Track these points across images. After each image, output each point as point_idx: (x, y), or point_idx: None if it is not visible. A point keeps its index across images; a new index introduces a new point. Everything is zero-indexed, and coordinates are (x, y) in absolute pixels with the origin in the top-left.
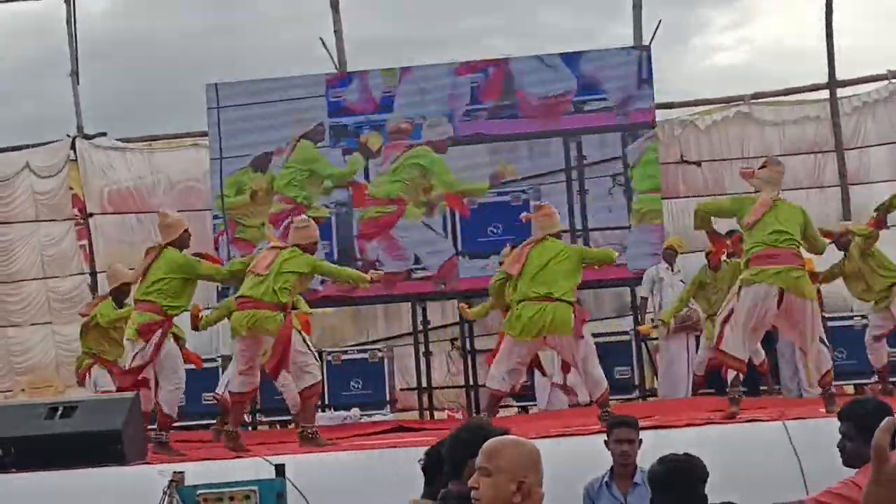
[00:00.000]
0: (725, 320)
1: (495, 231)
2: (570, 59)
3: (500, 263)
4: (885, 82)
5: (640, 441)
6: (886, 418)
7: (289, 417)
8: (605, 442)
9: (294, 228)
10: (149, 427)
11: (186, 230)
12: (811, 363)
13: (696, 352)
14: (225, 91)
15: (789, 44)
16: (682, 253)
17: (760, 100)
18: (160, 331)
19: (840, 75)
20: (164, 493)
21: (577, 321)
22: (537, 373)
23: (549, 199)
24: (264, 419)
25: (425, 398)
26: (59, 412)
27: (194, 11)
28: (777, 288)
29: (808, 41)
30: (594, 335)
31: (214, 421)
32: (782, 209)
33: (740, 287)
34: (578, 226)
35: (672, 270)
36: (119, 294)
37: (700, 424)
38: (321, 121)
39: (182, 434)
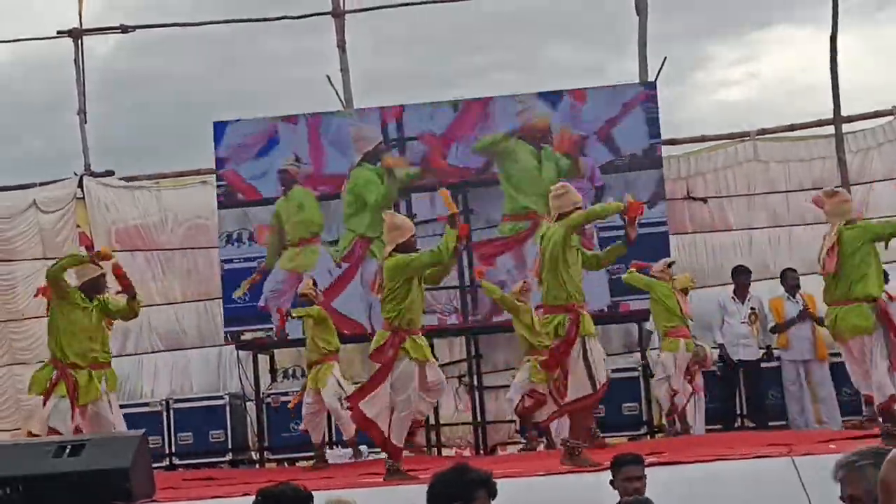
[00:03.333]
0: None
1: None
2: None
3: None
4: (891, 118)
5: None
6: (893, 450)
7: (298, 455)
8: (611, 481)
9: None
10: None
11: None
12: None
13: (704, 388)
14: (232, 128)
15: (797, 79)
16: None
17: (766, 136)
18: None
19: (846, 111)
20: None
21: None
22: None
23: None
24: (272, 457)
25: (433, 435)
26: (68, 450)
27: (202, 49)
28: None
29: (816, 76)
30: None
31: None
32: None
33: None
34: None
35: None
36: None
37: (708, 461)
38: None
39: (192, 472)
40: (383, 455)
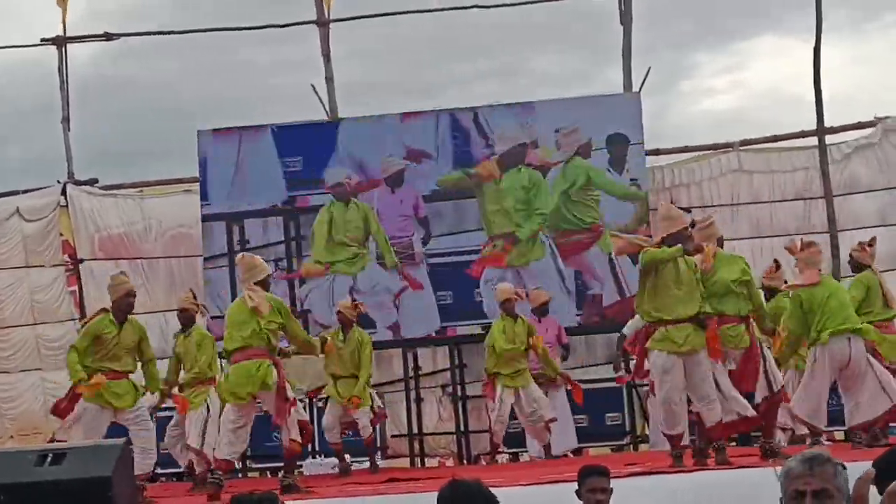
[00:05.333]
0: None
1: None
2: (553, 105)
3: None
4: (873, 129)
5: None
6: (868, 468)
7: (278, 465)
8: (577, 492)
9: None
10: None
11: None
12: None
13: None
14: (216, 137)
15: (783, 89)
16: None
17: (749, 146)
18: None
19: (831, 122)
20: None
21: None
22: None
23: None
24: (255, 466)
25: (416, 444)
26: (49, 459)
27: (187, 57)
28: None
29: (802, 86)
30: (586, 381)
31: None
32: None
33: None
34: None
35: None
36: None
37: (690, 471)
38: None
39: (173, 483)
40: (366, 466)
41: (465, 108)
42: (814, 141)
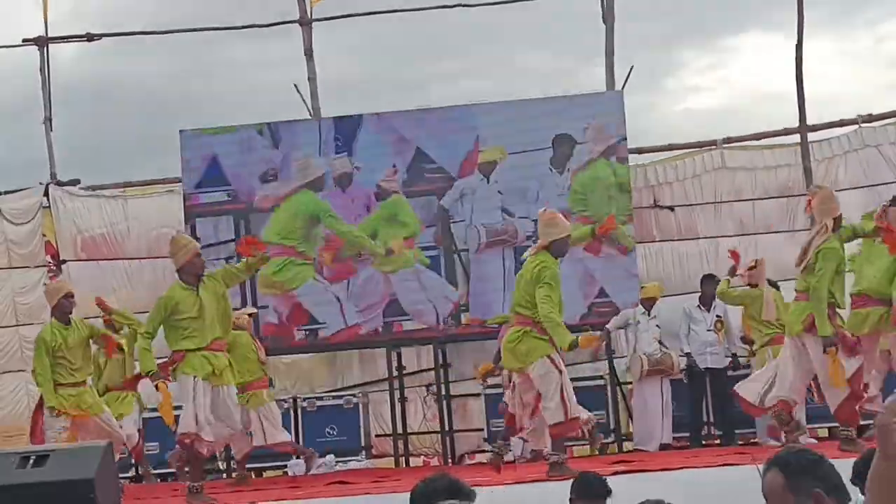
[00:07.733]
0: None
1: None
2: (535, 104)
3: None
4: (856, 127)
5: None
6: (890, 397)
7: (264, 465)
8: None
9: None
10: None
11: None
12: None
13: (671, 396)
14: (199, 137)
15: (767, 86)
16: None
17: (733, 144)
18: None
19: (814, 119)
20: None
21: None
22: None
23: None
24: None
25: (401, 444)
26: (32, 461)
27: (169, 56)
28: None
29: (785, 83)
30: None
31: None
32: None
33: None
34: None
35: (649, 315)
36: None
37: (674, 469)
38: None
39: (157, 484)
40: (351, 466)
41: (445, 106)
42: (797, 138)
